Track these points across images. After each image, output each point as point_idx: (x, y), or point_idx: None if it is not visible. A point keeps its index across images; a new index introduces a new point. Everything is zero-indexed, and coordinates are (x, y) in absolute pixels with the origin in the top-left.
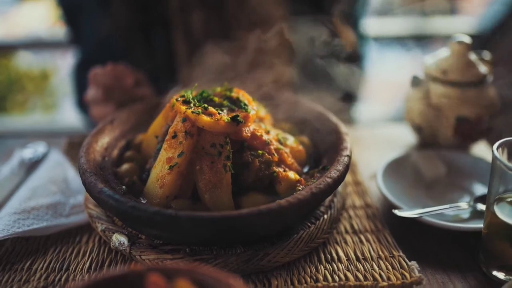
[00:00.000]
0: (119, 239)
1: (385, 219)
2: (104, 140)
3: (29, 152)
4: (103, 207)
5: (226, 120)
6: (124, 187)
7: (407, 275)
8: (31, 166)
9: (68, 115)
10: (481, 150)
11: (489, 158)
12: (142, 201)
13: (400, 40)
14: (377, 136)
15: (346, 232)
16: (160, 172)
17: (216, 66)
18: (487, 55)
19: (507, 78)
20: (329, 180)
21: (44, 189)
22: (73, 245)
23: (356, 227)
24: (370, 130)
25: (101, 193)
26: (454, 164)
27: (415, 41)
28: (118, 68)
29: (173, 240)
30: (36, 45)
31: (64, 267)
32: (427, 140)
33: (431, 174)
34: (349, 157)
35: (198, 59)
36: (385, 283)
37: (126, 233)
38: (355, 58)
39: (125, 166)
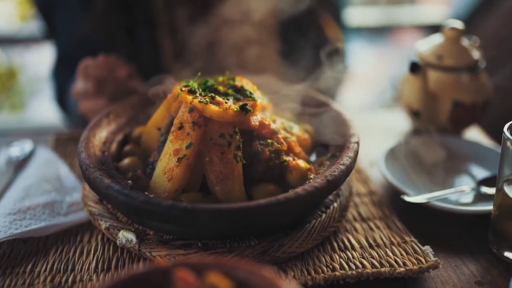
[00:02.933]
0: (126, 236)
1: (390, 205)
2: (101, 134)
3: (15, 150)
4: (111, 203)
5: (235, 109)
6: (130, 181)
7: (423, 260)
8: (19, 164)
9: (39, 114)
10: (474, 134)
11: (483, 142)
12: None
13: (365, 31)
14: (370, 124)
15: (355, 219)
16: (167, 165)
17: None
18: (476, 41)
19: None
20: (342, 167)
21: (38, 188)
22: (75, 244)
23: (364, 214)
24: (362, 117)
25: (109, 188)
26: (450, 148)
27: (381, 31)
28: (110, 59)
29: (185, 234)
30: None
31: (69, 268)
32: (424, 125)
33: (431, 159)
34: (358, 143)
35: None
36: (402, 269)
37: (133, 229)
38: (339, 54)
39: (126, 161)
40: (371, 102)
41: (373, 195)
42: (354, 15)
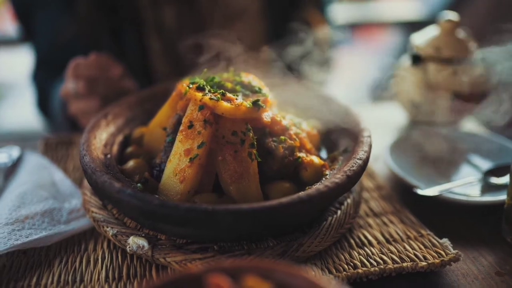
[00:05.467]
0: (137, 242)
1: (400, 199)
2: (102, 136)
3: (3, 156)
4: (122, 208)
5: (248, 105)
6: (139, 185)
7: (443, 253)
8: (8, 171)
9: (9, 119)
10: (471, 125)
11: (481, 132)
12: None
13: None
14: (366, 118)
15: (367, 215)
16: (177, 165)
17: None
18: (469, 32)
19: None
20: (359, 161)
21: (33, 195)
22: (80, 253)
23: (375, 209)
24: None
25: (120, 192)
26: (450, 140)
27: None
28: (102, 58)
29: (201, 237)
30: None
31: (78, 279)
32: (424, 117)
33: (435, 151)
34: (370, 137)
35: None
36: (424, 263)
37: (143, 235)
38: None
39: (131, 163)
40: (357, 97)
41: (381, 190)
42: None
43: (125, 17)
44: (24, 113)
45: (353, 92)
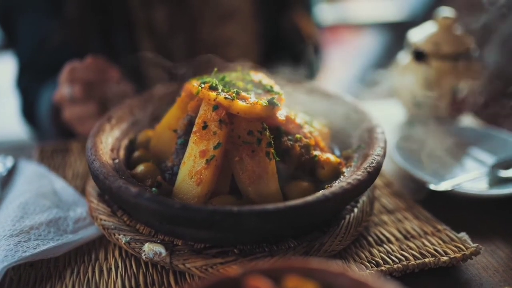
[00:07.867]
0: (153, 249)
1: (410, 194)
2: (107, 141)
3: None
4: (139, 213)
5: (264, 104)
6: (154, 189)
7: (462, 247)
8: (4, 181)
9: None
10: (469, 120)
11: (479, 127)
12: None
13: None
14: None
15: (381, 212)
16: (193, 168)
17: None
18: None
19: None
20: (378, 157)
21: (35, 205)
22: (91, 263)
23: (388, 206)
24: None
25: (138, 197)
26: (453, 135)
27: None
28: (99, 61)
29: (221, 241)
30: None
31: None
32: (424, 114)
33: (440, 147)
34: (384, 133)
35: None
36: (446, 258)
37: (158, 241)
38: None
39: (141, 167)
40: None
41: (391, 186)
42: None
43: (116, 18)
44: (11, 122)
45: (342, 91)
